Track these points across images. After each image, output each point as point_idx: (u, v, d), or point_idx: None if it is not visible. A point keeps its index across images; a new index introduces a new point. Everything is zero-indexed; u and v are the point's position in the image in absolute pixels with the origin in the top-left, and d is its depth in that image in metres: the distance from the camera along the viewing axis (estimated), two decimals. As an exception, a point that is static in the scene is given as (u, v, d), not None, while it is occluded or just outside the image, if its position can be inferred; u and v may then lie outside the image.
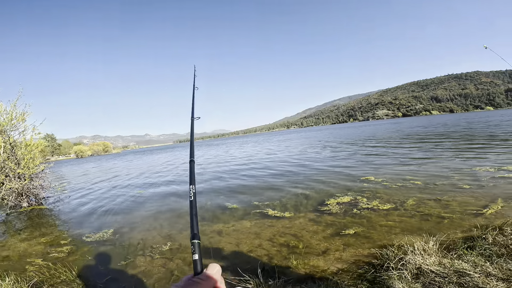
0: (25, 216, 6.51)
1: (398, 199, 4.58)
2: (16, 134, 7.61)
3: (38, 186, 8.02)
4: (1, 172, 6.91)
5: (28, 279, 2.73)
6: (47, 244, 4.24)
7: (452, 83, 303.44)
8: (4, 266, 3.49)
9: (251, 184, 7.37)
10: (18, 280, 2.60)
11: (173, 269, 2.97)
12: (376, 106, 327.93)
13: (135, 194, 7.81)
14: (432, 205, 4.09)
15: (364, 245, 2.99)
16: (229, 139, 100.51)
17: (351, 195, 5.08)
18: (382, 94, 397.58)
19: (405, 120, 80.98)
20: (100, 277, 2.97)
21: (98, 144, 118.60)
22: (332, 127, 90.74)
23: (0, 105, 7.09)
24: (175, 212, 5.41)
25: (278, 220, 4.23)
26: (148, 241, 3.95)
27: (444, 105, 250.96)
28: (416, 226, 3.37)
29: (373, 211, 4.10)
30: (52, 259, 3.59)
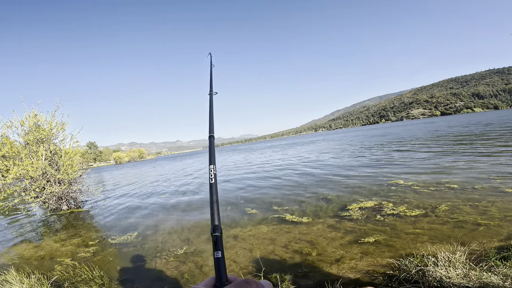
0: (63, 219, 7.06)
1: (429, 204, 4.19)
2: (56, 142, 8.35)
3: (76, 190, 8.69)
4: (43, 177, 7.60)
5: (51, 277, 2.93)
6: (77, 245, 4.53)
7: (495, 78, 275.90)
8: (35, 265, 3.79)
9: (272, 188, 7.27)
10: (40, 278, 2.80)
11: (184, 272, 2.99)
12: (411, 105, 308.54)
13: (163, 198, 8.11)
14: (468, 211, 3.67)
15: (383, 254, 2.75)
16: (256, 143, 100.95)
17: (375, 200, 4.76)
18: (417, 92, 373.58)
19: (443, 119, 75.06)
20: (117, 277, 3.09)
21: (134, 151, 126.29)
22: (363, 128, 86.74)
23: (41, 116, 7.85)
24: (198, 216, 5.50)
25: (296, 225, 4.09)
26: (167, 244, 4.04)
27: (488, 102, 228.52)
28: (447, 234, 3.04)
29: (399, 218, 3.78)
30: (79, 259, 3.83)
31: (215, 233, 0.66)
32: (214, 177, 0.87)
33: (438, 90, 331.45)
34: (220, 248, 0.61)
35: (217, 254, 0.60)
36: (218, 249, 0.61)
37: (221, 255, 0.59)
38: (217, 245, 0.62)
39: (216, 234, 0.66)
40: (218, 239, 0.64)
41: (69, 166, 8.20)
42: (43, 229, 6.17)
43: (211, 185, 0.82)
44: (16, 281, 2.70)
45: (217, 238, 0.65)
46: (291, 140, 71.97)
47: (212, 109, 1.36)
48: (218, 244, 0.62)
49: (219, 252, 0.60)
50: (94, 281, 2.90)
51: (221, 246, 0.62)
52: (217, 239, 0.64)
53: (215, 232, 0.66)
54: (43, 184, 7.59)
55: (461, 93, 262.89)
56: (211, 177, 0.86)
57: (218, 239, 0.64)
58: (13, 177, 7.10)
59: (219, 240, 0.63)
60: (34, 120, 7.84)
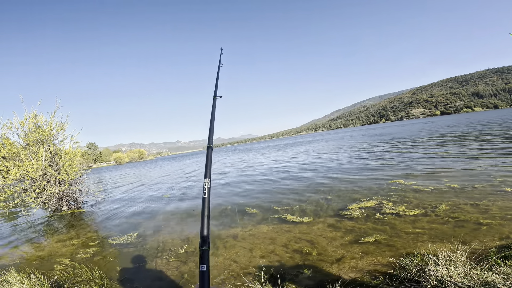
0: (64, 219, 7.06)
1: (429, 203, 4.19)
2: (56, 143, 8.34)
3: (77, 191, 8.68)
4: (43, 178, 7.60)
5: (51, 277, 2.93)
6: (77, 245, 4.53)
7: (494, 77, 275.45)
8: (35, 265, 3.79)
9: (272, 188, 7.27)
10: (40, 278, 2.80)
11: (184, 272, 2.99)
12: (410, 104, 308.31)
13: (163, 198, 8.10)
14: (469, 210, 3.67)
15: (384, 253, 2.75)
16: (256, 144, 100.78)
17: (376, 199, 4.76)
18: (416, 92, 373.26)
19: (443, 118, 75.01)
20: (117, 277, 3.08)
21: (134, 151, 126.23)
22: (362, 128, 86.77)
23: (41, 117, 7.84)
24: (198, 216, 5.49)
25: (296, 225, 4.09)
26: (167, 244, 4.04)
27: (487, 101, 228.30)
28: (448, 233, 3.04)
29: (399, 217, 3.78)
30: (79, 259, 3.82)
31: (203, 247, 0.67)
32: (208, 191, 0.87)
33: (437, 89, 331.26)
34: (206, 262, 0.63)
35: (202, 267, 0.62)
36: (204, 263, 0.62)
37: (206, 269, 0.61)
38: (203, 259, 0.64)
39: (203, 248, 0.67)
40: (205, 253, 0.65)
41: (69, 167, 8.19)
42: (43, 229, 6.17)
43: (204, 199, 0.81)
44: (17, 282, 2.70)
45: (203, 252, 0.66)
46: (291, 140, 71.97)
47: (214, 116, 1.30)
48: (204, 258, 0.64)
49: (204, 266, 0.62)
50: (94, 281, 2.90)
51: (207, 261, 0.64)
52: (203, 253, 0.66)
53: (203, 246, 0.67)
54: (43, 184, 7.59)
55: (460, 92, 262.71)
56: (204, 191, 0.86)
57: (205, 253, 0.65)
58: (13, 178, 7.10)
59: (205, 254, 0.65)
60: (34, 121, 7.84)
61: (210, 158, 0.97)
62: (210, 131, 1.18)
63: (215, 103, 1.41)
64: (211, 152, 1.02)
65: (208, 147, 1.07)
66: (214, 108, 1.36)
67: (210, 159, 0.97)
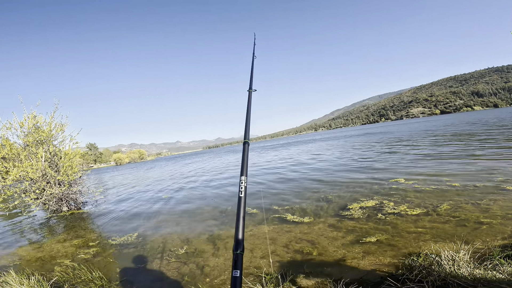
0: (64, 220, 7.03)
1: (431, 203, 4.17)
2: (56, 143, 8.32)
3: (76, 192, 8.66)
4: (43, 178, 7.58)
5: (50, 279, 2.91)
6: (77, 246, 4.51)
7: (494, 76, 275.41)
8: (35, 266, 3.77)
9: (273, 188, 7.24)
10: (40, 279, 2.78)
11: (185, 273, 2.97)
12: (410, 104, 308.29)
13: (163, 199, 8.09)
14: (470, 209, 3.65)
15: (386, 253, 2.73)
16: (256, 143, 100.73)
17: (376, 199, 4.74)
18: (416, 91, 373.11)
19: (443, 117, 74.99)
20: (117, 278, 3.06)
21: (134, 152, 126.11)
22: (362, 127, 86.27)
23: (40, 118, 7.82)
24: (198, 216, 5.47)
25: (297, 225, 4.07)
26: (167, 245, 4.02)
27: (487, 100, 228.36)
28: (450, 233, 3.02)
29: (400, 217, 3.76)
30: (79, 260, 3.80)
31: (237, 251, 0.62)
32: (244, 190, 0.83)
33: (437, 88, 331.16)
34: (239, 267, 0.58)
35: (236, 273, 0.57)
36: (237, 268, 0.58)
37: (239, 275, 0.56)
38: (237, 263, 0.59)
39: (237, 252, 0.62)
40: (239, 257, 0.61)
41: (69, 168, 8.17)
42: (43, 230, 6.15)
43: (239, 198, 0.76)
44: (16, 283, 2.68)
45: (237, 256, 0.61)
46: (292, 139, 71.94)
47: (249, 109, 1.26)
48: (238, 263, 0.59)
49: (237, 271, 0.57)
50: (93, 282, 2.88)
51: (241, 266, 0.59)
52: (237, 257, 0.61)
53: (237, 250, 0.63)
54: (43, 185, 7.57)
55: (460, 91, 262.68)
56: (240, 190, 0.82)
57: (239, 258, 0.61)
58: (13, 179, 7.08)
59: (239, 258, 0.60)
60: (34, 121, 7.82)
61: (247, 154, 0.92)
62: (246, 125, 1.15)
63: (250, 96, 1.37)
64: (247, 148, 0.97)
65: (245, 142, 1.03)
66: (250, 101, 1.33)
67: (247, 154, 0.92)
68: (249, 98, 1.36)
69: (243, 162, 0.90)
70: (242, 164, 0.89)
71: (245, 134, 1.10)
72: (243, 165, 0.89)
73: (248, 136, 1.08)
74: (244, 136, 1.08)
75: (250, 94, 1.40)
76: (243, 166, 0.88)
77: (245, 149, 0.97)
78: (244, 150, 0.96)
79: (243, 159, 0.92)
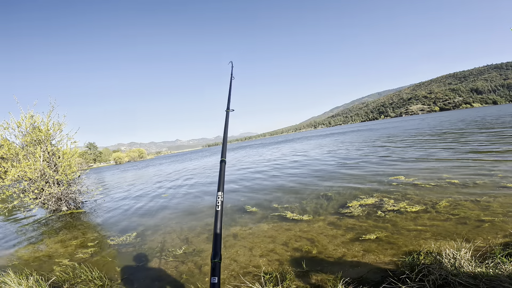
0: (63, 220, 7.01)
1: (430, 200, 4.15)
2: (54, 143, 8.28)
3: (75, 191, 8.64)
4: (42, 178, 7.55)
5: (49, 279, 2.89)
6: (76, 246, 4.49)
7: (493, 73, 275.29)
8: (34, 266, 3.75)
9: (272, 186, 7.23)
10: (38, 280, 2.76)
11: (183, 272, 2.96)
12: (409, 101, 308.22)
13: (163, 198, 8.07)
14: (470, 207, 3.64)
15: (386, 251, 2.71)
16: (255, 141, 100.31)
17: (376, 196, 4.73)
18: (415, 88, 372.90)
19: (442, 114, 74.92)
20: (116, 278, 3.05)
21: (134, 151, 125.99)
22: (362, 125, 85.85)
23: (38, 117, 7.78)
24: (197, 215, 5.46)
25: (296, 223, 4.05)
26: (166, 244, 4.00)
27: (486, 97, 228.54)
28: (451, 231, 3.00)
29: (400, 214, 3.75)
30: (78, 259, 3.78)
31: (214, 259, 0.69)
32: (221, 204, 0.87)
33: (436, 85, 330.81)
34: (217, 274, 0.64)
35: (214, 279, 0.63)
36: (215, 275, 0.64)
37: (217, 281, 0.63)
38: (215, 271, 0.66)
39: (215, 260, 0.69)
40: (217, 265, 0.67)
41: (68, 167, 8.14)
42: (42, 230, 6.12)
43: (216, 212, 0.81)
44: (14, 283, 2.66)
45: (215, 264, 0.67)
46: (292, 136, 71.86)
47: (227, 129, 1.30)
48: (216, 270, 0.65)
49: (215, 278, 0.63)
50: (93, 282, 2.86)
51: (219, 273, 0.65)
52: (215, 265, 0.66)
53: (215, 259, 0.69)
54: (42, 185, 7.54)
55: (459, 88, 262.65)
56: (217, 204, 0.86)
57: (216, 266, 0.66)
58: (11, 179, 7.04)
59: (217, 266, 0.67)
60: (31, 121, 7.77)
61: (224, 172, 0.97)
62: (223, 144, 1.16)
63: (227, 117, 1.41)
64: (224, 166, 1.01)
65: (222, 161, 1.06)
66: (227, 122, 1.36)
67: (224, 172, 0.97)
68: (226, 118, 1.39)
69: (220, 178, 0.95)
70: (219, 180, 0.93)
71: (222, 152, 1.11)
72: (220, 181, 0.93)
73: (225, 154, 1.10)
74: (221, 154, 1.10)
75: (227, 114, 1.43)
76: (219, 182, 0.93)
77: (222, 168, 1.00)
78: (221, 168, 1.00)
79: (220, 176, 0.96)
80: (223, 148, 1.14)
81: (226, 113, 1.44)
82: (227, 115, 1.42)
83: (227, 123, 1.35)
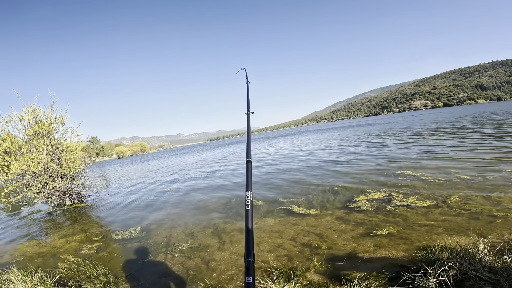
0: (67, 214, 7.01)
1: (440, 195, 4.07)
2: (57, 136, 8.24)
3: (79, 185, 8.62)
4: (45, 172, 7.53)
5: (54, 275, 2.85)
6: (81, 241, 4.46)
7: (498, 70, 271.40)
8: (39, 262, 3.71)
9: (278, 179, 7.15)
10: (43, 277, 2.71)
11: (190, 268, 2.90)
12: (413, 96, 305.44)
13: (167, 192, 8.04)
14: (481, 202, 3.55)
15: (399, 246, 2.64)
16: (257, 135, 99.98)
17: (384, 191, 4.65)
18: (419, 84, 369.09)
19: (446, 110, 74.25)
20: (122, 274, 3.00)
21: (136, 145, 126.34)
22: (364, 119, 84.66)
23: (40, 110, 7.73)
24: (202, 209, 5.41)
25: (303, 218, 3.98)
26: (172, 239, 3.96)
27: (491, 93, 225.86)
28: (464, 226, 2.92)
29: (410, 209, 3.67)
30: (82, 255, 3.74)
31: (248, 258, 0.68)
32: (250, 204, 0.88)
33: (440, 81, 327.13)
34: (251, 273, 0.64)
35: (248, 279, 0.63)
36: (250, 274, 0.63)
37: (252, 281, 0.61)
38: (249, 270, 0.65)
39: (249, 260, 0.67)
40: (251, 265, 0.66)
41: (71, 160, 8.11)
42: (46, 225, 6.11)
43: (247, 211, 0.83)
44: (19, 281, 2.61)
45: (249, 264, 0.67)
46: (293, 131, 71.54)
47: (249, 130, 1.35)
48: (250, 270, 0.65)
49: (250, 277, 0.62)
50: (99, 278, 2.81)
51: (253, 272, 0.64)
52: (249, 265, 0.66)
53: (249, 258, 0.68)
54: (46, 179, 7.52)
55: (464, 84, 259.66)
56: (247, 203, 0.87)
57: (251, 265, 0.66)
58: (15, 173, 7.02)
59: (251, 266, 0.66)
60: (33, 114, 7.72)
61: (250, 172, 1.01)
62: (247, 145, 1.22)
63: (249, 118, 1.48)
64: (250, 166, 1.06)
65: (247, 161, 1.11)
66: (249, 123, 1.43)
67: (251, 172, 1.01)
68: (248, 120, 1.46)
69: (248, 178, 0.98)
70: (246, 180, 0.97)
71: (247, 153, 1.16)
72: (247, 181, 0.96)
73: (250, 154, 1.14)
74: (246, 155, 1.14)
75: (248, 116, 1.50)
76: (247, 182, 0.96)
77: (248, 168, 1.05)
78: (247, 168, 1.04)
79: (247, 175, 1.00)
80: (247, 149, 1.18)
81: (247, 115, 1.51)
82: (248, 117, 1.49)
83: (249, 124, 1.41)
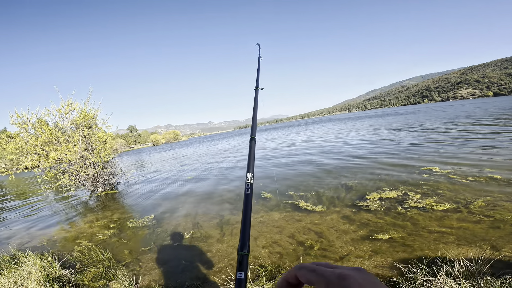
0: (97, 200, 7.62)
1: (464, 198, 3.66)
2: (90, 127, 8.94)
3: (109, 173, 9.31)
4: (80, 160, 8.23)
5: (69, 259, 3.13)
6: (100, 227, 4.84)
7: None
8: (59, 246, 4.12)
9: (293, 171, 6.98)
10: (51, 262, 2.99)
11: (185, 258, 3.00)
12: (459, 85, 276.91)
13: (188, 180, 8.35)
14: (510, 209, 3.13)
15: (397, 254, 2.45)
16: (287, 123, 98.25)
17: (401, 189, 4.32)
18: (466, 72, 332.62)
19: (497, 99, 66.11)
20: (124, 259, 3.21)
21: (170, 133, 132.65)
22: (401, 108, 77.31)
23: (77, 104, 8.41)
24: (215, 199, 5.54)
25: (308, 214, 3.88)
26: (179, 228, 4.12)
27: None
28: (479, 235, 2.61)
29: (424, 212, 3.37)
30: (96, 241, 4.07)
31: (242, 251, 0.59)
32: (250, 187, 0.77)
33: (491, 69, 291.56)
34: (244, 268, 0.55)
35: (240, 274, 0.53)
36: (242, 270, 0.55)
37: (243, 277, 0.53)
38: (242, 265, 0.56)
39: (243, 252, 0.59)
40: (244, 258, 0.58)
41: (102, 149, 8.76)
42: (77, 211, 6.70)
43: (246, 196, 0.72)
44: (30, 262, 2.89)
45: (242, 257, 0.58)
46: (324, 119, 69.39)
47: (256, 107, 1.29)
48: (243, 264, 0.56)
49: (242, 273, 0.54)
50: (102, 263, 3.04)
51: (246, 267, 0.56)
52: (242, 258, 0.58)
53: (243, 251, 0.60)
54: (80, 167, 8.23)
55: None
56: (247, 187, 0.77)
57: (244, 259, 0.57)
58: (52, 161, 7.77)
59: (244, 260, 0.57)
60: (70, 108, 8.42)
61: (254, 150, 0.91)
62: (253, 122, 1.14)
63: (257, 94, 1.41)
64: (254, 144, 0.96)
65: (251, 139, 1.01)
66: (256, 99, 1.35)
67: (254, 151, 0.90)
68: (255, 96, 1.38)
69: (250, 158, 0.87)
70: (248, 160, 0.85)
71: (252, 130, 1.08)
72: (249, 161, 0.86)
73: (255, 132, 1.06)
74: (251, 132, 1.06)
75: (256, 92, 1.43)
76: (249, 162, 0.85)
77: (251, 146, 0.95)
78: (250, 146, 0.94)
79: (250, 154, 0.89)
80: (252, 126, 1.10)
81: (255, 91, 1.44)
82: (256, 93, 1.42)
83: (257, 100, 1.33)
